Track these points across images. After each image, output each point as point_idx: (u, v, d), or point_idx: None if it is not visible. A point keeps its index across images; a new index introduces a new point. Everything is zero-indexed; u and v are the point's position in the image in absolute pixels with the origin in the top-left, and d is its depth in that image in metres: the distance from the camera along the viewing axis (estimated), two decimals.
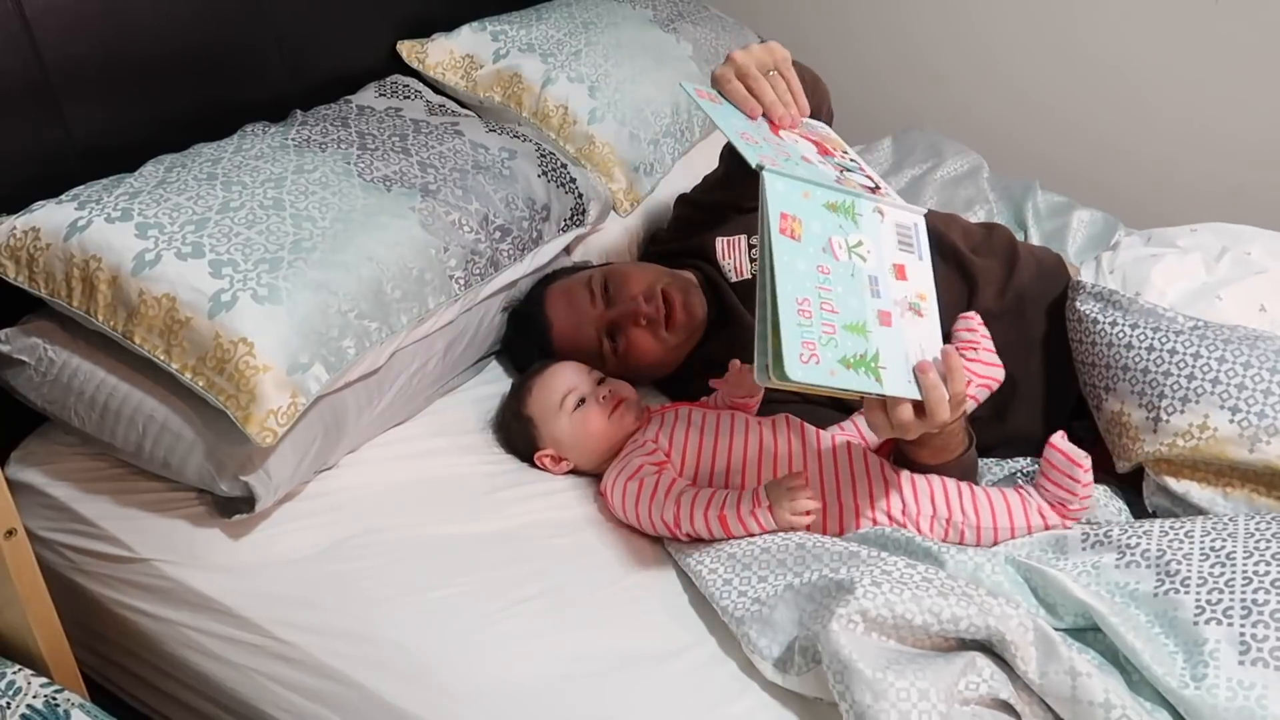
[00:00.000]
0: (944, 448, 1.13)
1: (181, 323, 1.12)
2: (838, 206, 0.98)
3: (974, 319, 1.27)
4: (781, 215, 0.93)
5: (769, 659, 1.00)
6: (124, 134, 1.38)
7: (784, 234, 0.93)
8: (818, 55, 1.54)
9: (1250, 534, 1.02)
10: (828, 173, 1.03)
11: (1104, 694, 0.89)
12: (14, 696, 0.97)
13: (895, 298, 1.00)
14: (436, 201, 1.32)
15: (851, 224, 0.99)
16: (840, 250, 0.97)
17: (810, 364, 0.89)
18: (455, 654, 1.05)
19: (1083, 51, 2.12)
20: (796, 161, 1.01)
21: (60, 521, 1.24)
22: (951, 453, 1.14)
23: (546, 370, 1.31)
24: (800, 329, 0.90)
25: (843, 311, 0.94)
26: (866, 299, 0.97)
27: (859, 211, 1.00)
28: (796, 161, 1.01)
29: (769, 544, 1.10)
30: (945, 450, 1.14)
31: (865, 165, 1.12)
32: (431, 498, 1.23)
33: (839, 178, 1.03)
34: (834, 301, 0.94)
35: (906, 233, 1.04)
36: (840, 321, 0.94)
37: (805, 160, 1.04)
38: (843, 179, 1.03)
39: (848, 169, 1.08)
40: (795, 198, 0.95)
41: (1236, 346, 1.15)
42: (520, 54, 1.70)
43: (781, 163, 0.98)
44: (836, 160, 1.08)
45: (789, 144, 1.06)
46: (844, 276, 0.96)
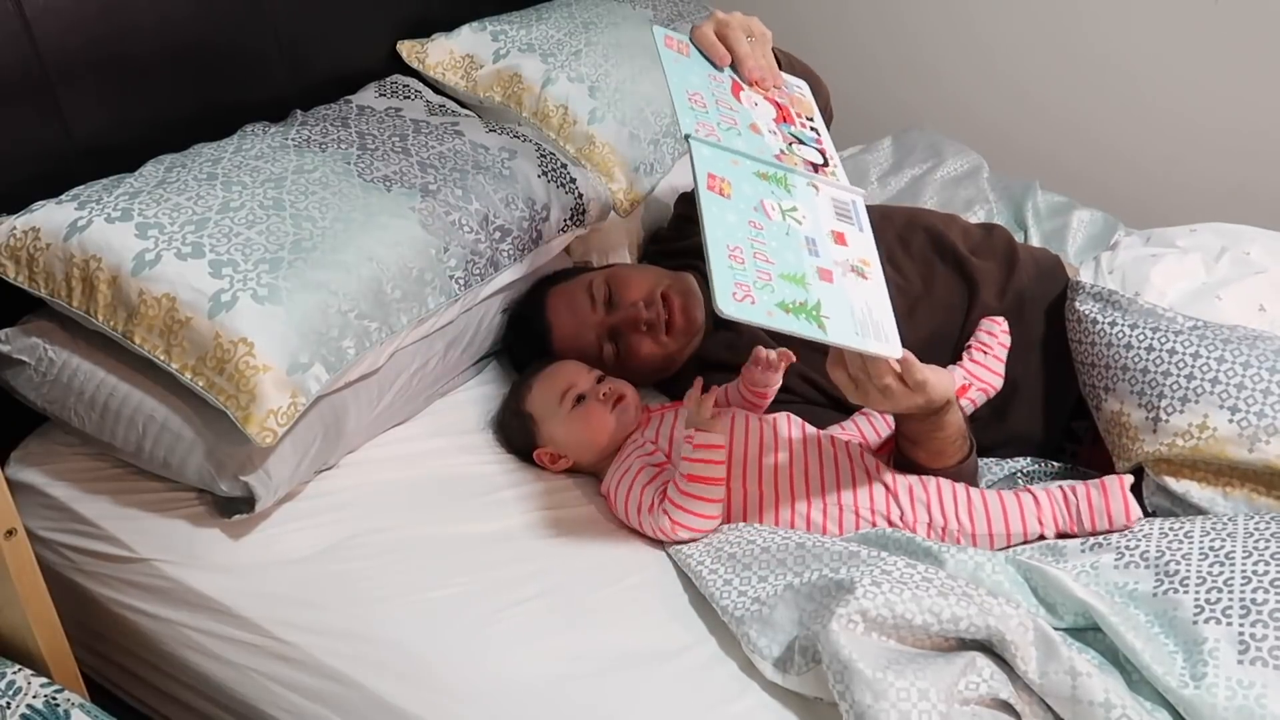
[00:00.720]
0: (942, 451, 1.13)
1: (181, 323, 1.12)
2: (769, 176, 1.01)
3: (1001, 324, 1.28)
4: (709, 175, 0.97)
5: (769, 659, 1.00)
6: (124, 134, 1.38)
7: (711, 190, 0.96)
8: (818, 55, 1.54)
9: (1249, 534, 1.02)
10: (771, 145, 1.04)
11: (1104, 694, 0.89)
12: (14, 696, 0.97)
13: (835, 259, 1.01)
14: (436, 201, 1.32)
15: (784, 192, 1.02)
16: (773, 211, 0.99)
17: (745, 303, 0.92)
18: (455, 654, 1.05)
19: (1083, 51, 2.12)
20: (740, 131, 1.03)
21: (60, 521, 1.24)
22: (950, 457, 1.14)
23: (547, 368, 1.31)
24: (732, 271, 0.93)
25: (778, 263, 0.97)
26: (804, 255, 0.99)
27: (791, 184, 1.03)
28: (740, 131, 1.03)
29: (769, 544, 1.10)
30: (943, 454, 1.14)
31: (824, 136, 1.14)
32: (431, 498, 1.23)
33: (782, 150, 1.05)
34: (768, 253, 0.97)
35: (844, 207, 1.05)
36: (776, 271, 0.96)
37: (753, 129, 1.05)
38: (786, 152, 1.05)
39: (801, 139, 1.09)
40: (723, 164, 0.99)
41: (1236, 346, 1.15)
42: (520, 54, 1.70)
43: (721, 131, 1.00)
44: (792, 129, 1.09)
45: (743, 109, 1.08)
46: (778, 234, 0.99)
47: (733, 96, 1.08)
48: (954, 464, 1.15)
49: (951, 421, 1.10)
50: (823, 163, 1.07)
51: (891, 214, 1.47)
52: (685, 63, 1.09)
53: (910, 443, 1.15)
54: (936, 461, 1.14)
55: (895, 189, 1.92)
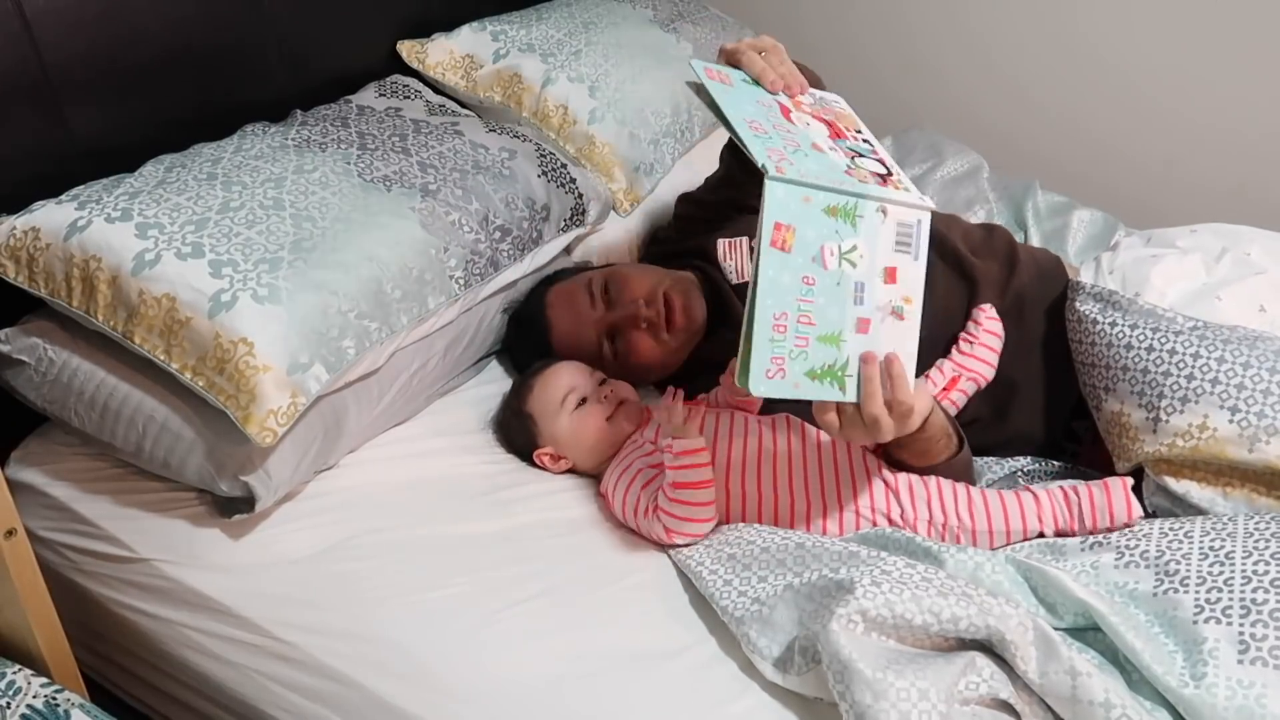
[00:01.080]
0: (926, 451, 1.13)
1: (181, 323, 1.12)
2: (838, 210, 0.99)
3: (988, 310, 1.28)
4: (776, 225, 0.95)
5: (769, 659, 1.00)
6: (124, 134, 1.38)
7: (774, 246, 0.95)
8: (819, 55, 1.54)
9: (1249, 534, 1.02)
10: (838, 161, 1.03)
11: (1104, 693, 0.89)
12: (14, 696, 0.97)
13: (879, 303, 1.01)
14: (436, 201, 1.32)
15: (850, 228, 1.00)
16: (831, 258, 0.98)
17: (775, 379, 0.95)
18: (455, 654, 1.05)
19: (1084, 51, 2.13)
20: (806, 151, 1.01)
21: (60, 521, 1.24)
22: (935, 456, 1.13)
23: (548, 369, 1.31)
24: (772, 345, 0.94)
25: (820, 324, 0.97)
26: (848, 307, 0.99)
27: (860, 214, 1.00)
28: (806, 151, 1.01)
29: (769, 544, 1.10)
30: (928, 454, 1.13)
31: (879, 146, 1.12)
32: (431, 498, 1.23)
33: (849, 166, 1.03)
34: (813, 314, 0.97)
35: (907, 232, 1.04)
36: (815, 334, 0.97)
37: (815, 148, 1.04)
38: (853, 167, 1.03)
39: (860, 153, 1.07)
40: (795, 204, 0.96)
41: (1236, 347, 1.15)
42: (520, 54, 1.70)
43: (790, 155, 0.98)
44: (848, 144, 1.08)
45: (799, 130, 1.06)
46: (829, 286, 0.98)
47: (785, 120, 1.07)
48: (942, 461, 1.14)
49: (932, 423, 1.09)
50: (887, 173, 1.06)
51: None
52: (732, 92, 1.08)
53: (895, 445, 1.14)
54: (923, 460, 1.14)
55: None
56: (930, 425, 1.09)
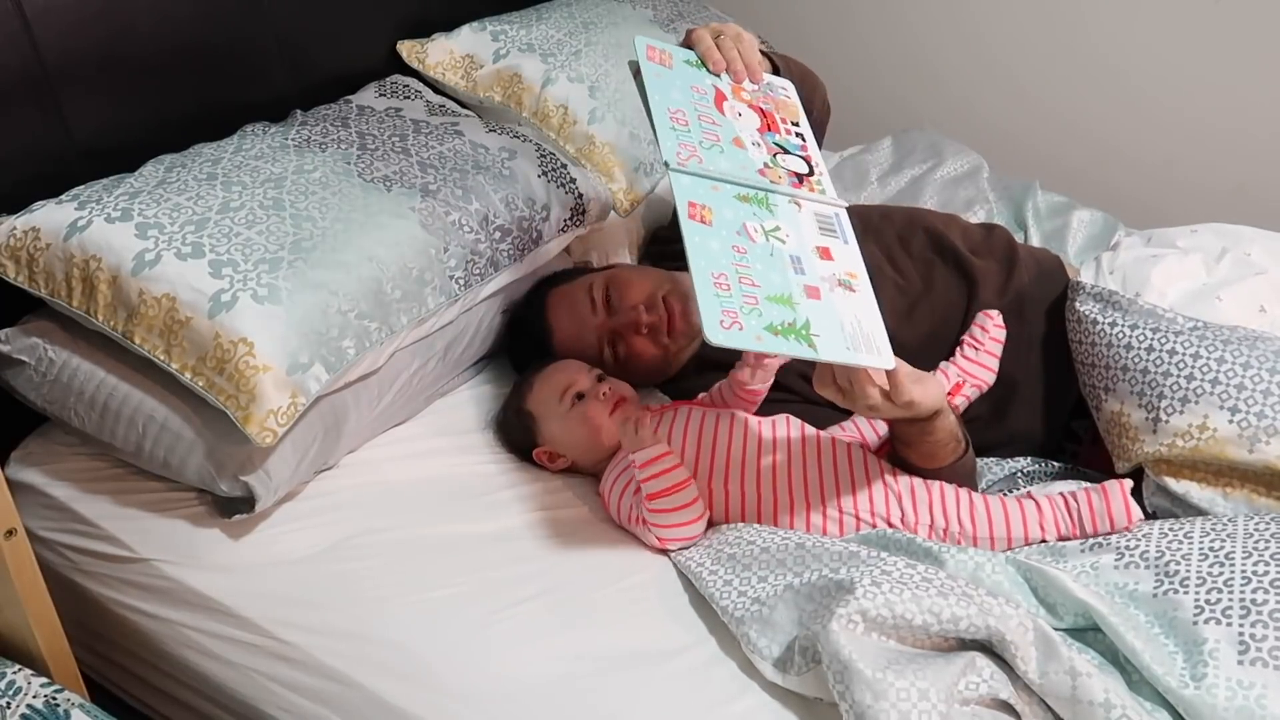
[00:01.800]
0: (933, 454, 1.13)
1: (181, 323, 1.12)
2: (750, 198, 1.02)
3: (995, 317, 1.28)
4: (690, 204, 0.98)
5: (769, 659, 1.00)
6: (124, 134, 1.38)
7: (693, 219, 0.98)
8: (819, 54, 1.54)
9: (1249, 534, 1.02)
10: (755, 159, 1.06)
11: (1104, 694, 0.89)
12: (14, 696, 0.97)
13: (822, 275, 1.02)
14: (436, 201, 1.32)
15: (766, 212, 1.03)
16: (756, 234, 1.01)
17: (733, 329, 0.94)
18: (455, 654, 1.05)
19: (1085, 50, 2.13)
20: (723, 147, 1.04)
21: (60, 521, 1.24)
22: (943, 459, 1.13)
23: (548, 367, 1.31)
24: (719, 299, 0.95)
25: (764, 285, 0.98)
26: (789, 275, 1.00)
27: (773, 203, 1.04)
28: (723, 147, 1.04)
29: (769, 544, 1.10)
30: (935, 456, 1.13)
31: (810, 142, 1.15)
32: (431, 498, 1.23)
33: (767, 164, 1.06)
34: (753, 276, 0.98)
35: (827, 221, 1.06)
36: (763, 294, 0.98)
37: (736, 144, 1.06)
38: (770, 165, 1.06)
39: (786, 149, 1.10)
40: (704, 190, 1.00)
41: (1236, 347, 1.15)
42: (520, 54, 1.70)
43: (703, 151, 1.01)
44: (776, 139, 1.10)
45: (726, 121, 1.09)
46: (762, 255, 1.00)
47: (715, 109, 1.09)
48: (947, 464, 1.14)
49: (941, 426, 1.10)
50: (808, 171, 1.08)
51: (891, 214, 1.47)
52: (667, 76, 1.10)
53: (903, 444, 1.15)
54: (929, 462, 1.14)
55: (895, 189, 1.92)
56: (939, 429, 1.10)
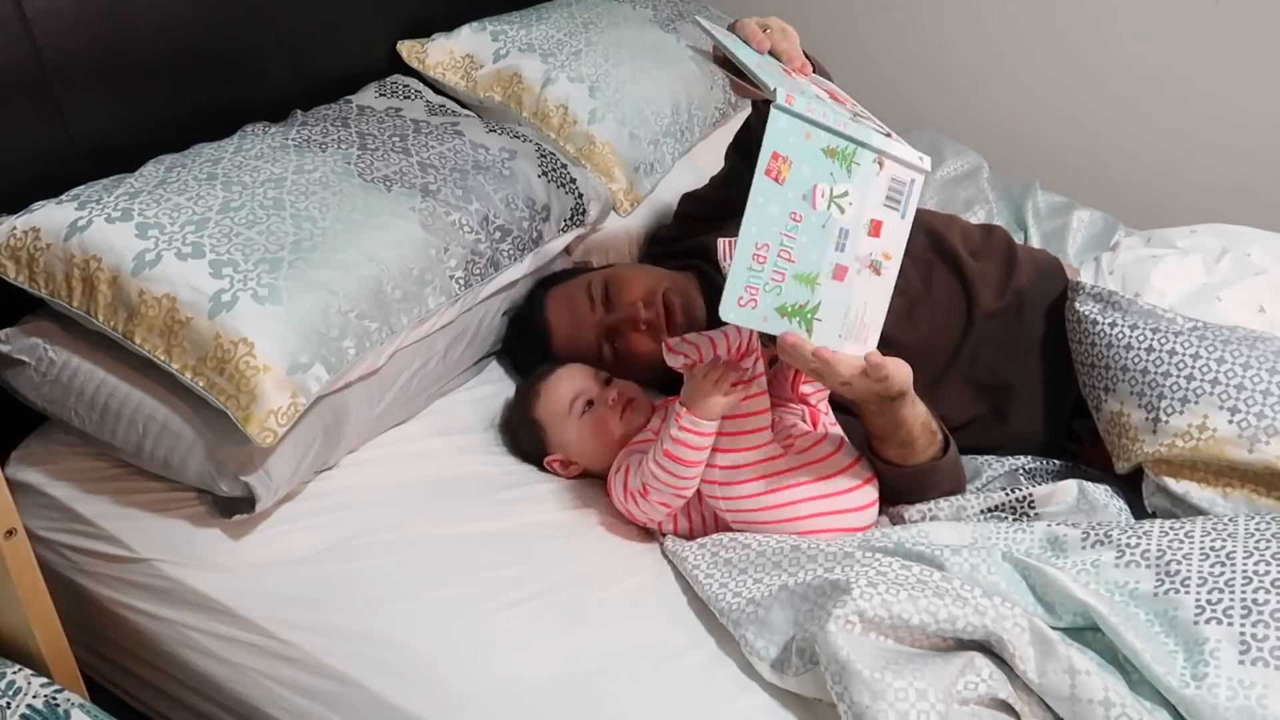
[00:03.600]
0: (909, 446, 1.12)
1: (182, 323, 1.12)
2: (836, 153, 1.00)
3: None
4: (773, 155, 0.96)
5: (766, 660, 1.00)
6: (124, 134, 1.38)
7: (769, 175, 0.96)
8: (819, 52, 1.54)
9: (1250, 534, 1.02)
10: (842, 113, 1.04)
11: (1103, 692, 0.89)
12: (14, 696, 0.97)
13: (859, 253, 1.02)
14: (437, 202, 1.32)
15: (844, 173, 1.01)
16: (821, 199, 0.99)
17: (747, 308, 0.96)
18: (455, 654, 1.05)
19: (1087, 49, 2.13)
20: (811, 97, 1.02)
21: (60, 521, 1.24)
22: (920, 453, 1.13)
23: (553, 374, 1.31)
24: (749, 273, 0.96)
25: (799, 261, 0.99)
26: (829, 252, 1.00)
27: (857, 161, 1.01)
28: (811, 97, 1.02)
29: (764, 547, 1.10)
30: (912, 448, 1.13)
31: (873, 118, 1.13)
32: (431, 498, 1.23)
33: (852, 118, 1.04)
34: (794, 250, 0.98)
35: (899, 189, 1.05)
36: (792, 270, 0.98)
37: (819, 98, 1.04)
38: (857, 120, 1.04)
39: (860, 115, 1.09)
40: (795, 138, 0.97)
41: (1236, 347, 1.15)
42: (520, 54, 1.70)
43: (798, 95, 0.98)
44: (848, 109, 1.09)
45: (804, 83, 1.08)
46: (814, 226, 0.99)
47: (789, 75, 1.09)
48: (927, 460, 1.14)
49: (911, 414, 1.10)
50: (887, 133, 1.07)
51: None
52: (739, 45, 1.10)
53: (878, 439, 1.14)
54: (909, 458, 1.13)
55: None
56: (908, 418, 1.09)
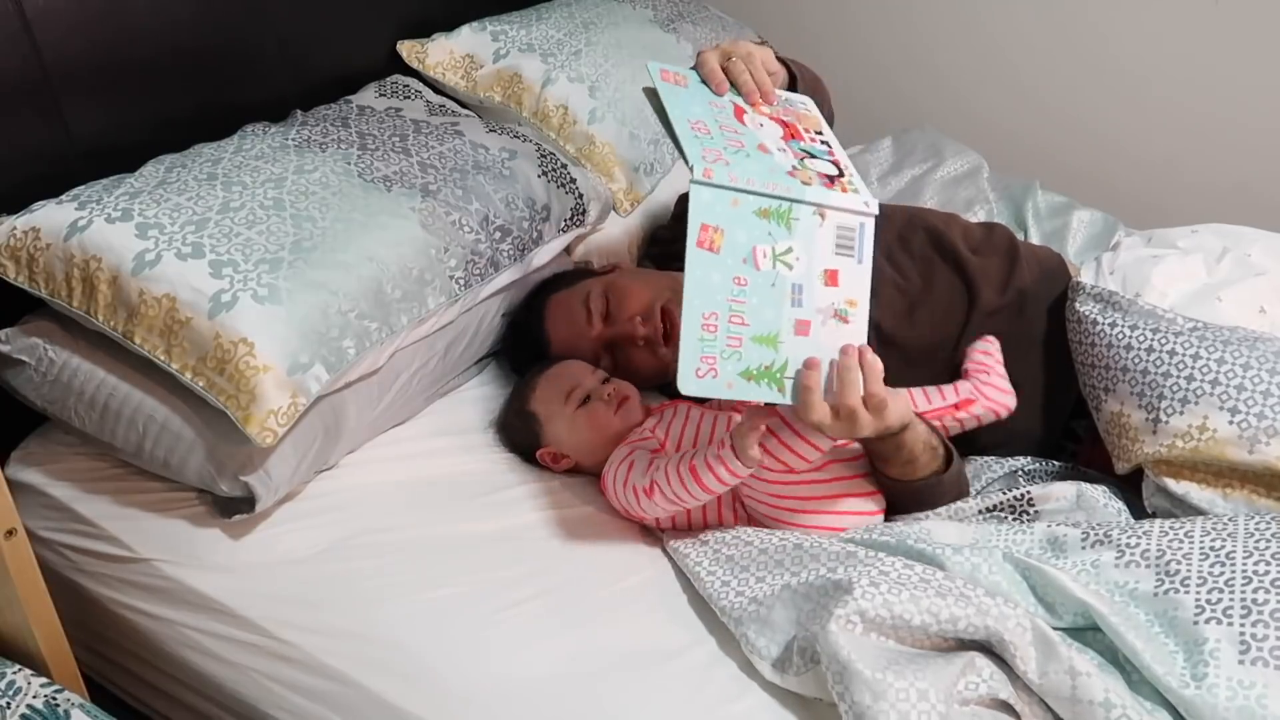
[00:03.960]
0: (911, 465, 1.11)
1: (182, 323, 1.12)
2: (770, 213, 0.99)
3: (993, 344, 1.25)
4: (702, 227, 0.96)
5: (767, 659, 1.00)
6: (124, 134, 1.38)
7: (701, 246, 0.95)
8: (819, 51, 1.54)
9: (1250, 534, 1.02)
10: (781, 163, 1.03)
11: (1104, 693, 0.89)
12: (14, 696, 0.97)
13: (819, 305, 1.00)
14: (437, 202, 1.32)
15: (784, 230, 0.99)
16: (764, 259, 0.98)
17: (706, 378, 0.95)
18: (455, 654, 1.05)
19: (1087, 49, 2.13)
20: (748, 153, 1.01)
21: (60, 521, 1.24)
22: (920, 470, 1.12)
23: (552, 367, 1.31)
24: (701, 344, 0.95)
25: (754, 324, 0.97)
26: (784, 309, 0.99)
27: (795, 216, 1.00)
28: (748, 153, 1.01)
29: (766, 545, 1.10)
30: (912, 468, 1.12)
31: (836, 148, 1.12)
32: (431, 498, 1.23)
33: (795, 167, 1.03)
34: (745, 314, 0.97)
35: (848, 235, 1.03)
36: (749, 334, 0.97)
37: (761, 149, 1.03)
38: (798, 168, 1.03)
39: (812, 154, 1.07)
40: (722, 207, 0.97)
41: (1236, 348, 1.15)
42: (520, 54, 1.70)
43: (729, 154, 0.98)
44: (801, 145, 1.08)
45: (749, 131, 1.06)
46: (762, 287, 0.98)
47: (736, 120, 1.07)
48: (928, 475, 1.13)
49: (912, 439, 1.08)
50: (837, 173, 1.06)
51: (891, 213, 1.47)
52: (684, 93, 1.08)
53: (880, 460, 1.13)
54: (910, 474, 1.12)
55: (895, 189, 1.92)
56: (908, 443, 1.09)
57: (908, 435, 1.08)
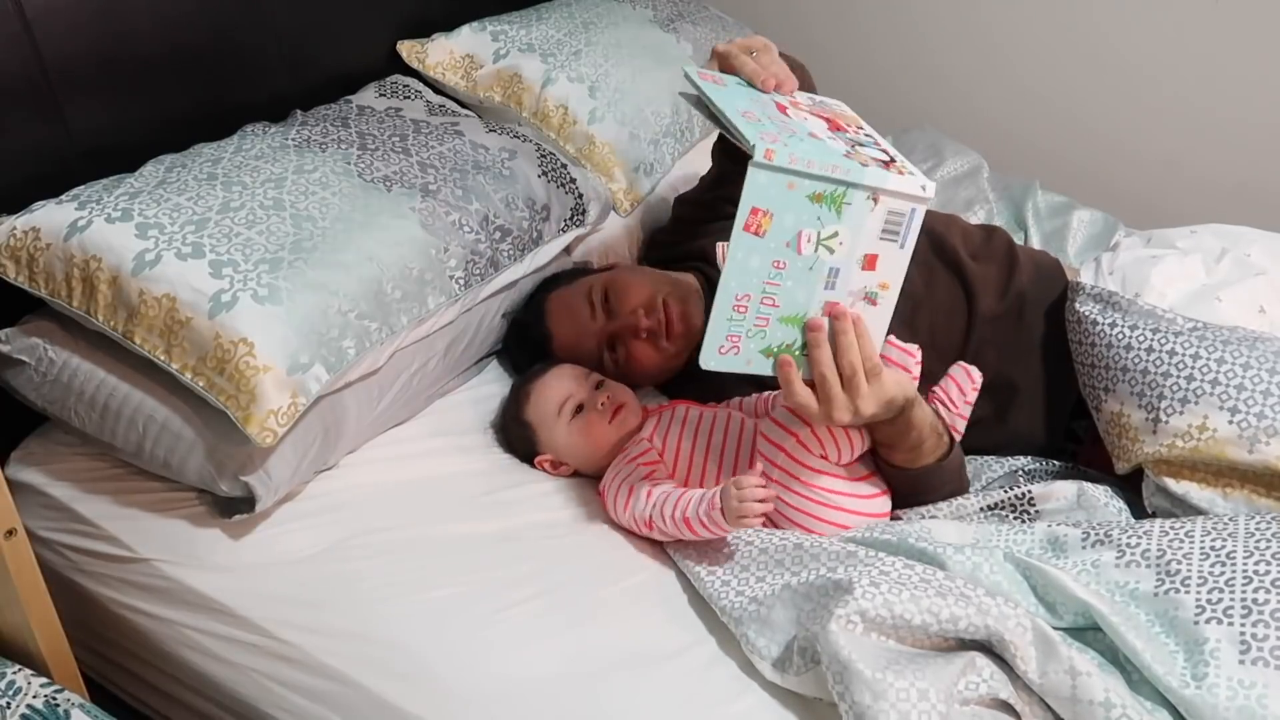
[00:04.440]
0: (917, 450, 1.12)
1: (182, 323, 1.12)
2: (824, 197, 0.98)
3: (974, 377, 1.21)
4: (752, 210, 0.96)
5: (768, 659, 1.00)
6: (124, 134, 1.38)
7: (748, 230, 0.96)
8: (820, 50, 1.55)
9: (1250, 534, 1.02)
10: (836, 148, 1.02)
11: (1104, 693, 0.89)
12: (14, 696, 0.97)
13: (852, 289, 1.02)
14: (436, 202, 1.32)
15: (833, 215, 0.99)
16: (808, 244, 0.99)
17: (728, 355, 0.97)
18: (455, 654, 1.05)
19: (1087, 48, 2.13)
20: (802, 137, 1.00)
21: (60, 521, 1.24)
22: (926, 456, 1.12)
23: (544, 376, 1.31)
24: (730, 324, 0.97)
25: (784, 305, 0.99)
26: (816, 291, 1.00)
27: (848, 201, 0.99)
28: (802, 137, 1.00)
29: (767, 544, 1.10)
30: (918, 452, 1.12)
31: (881, 139, 1.11)
32: (431, 498, 1.23)
33: (849, 152, 1.02)
34: (778, 296, 0.99)
35: (897, 220, 1.03)
36: (777, 315, 0.99)
37: (813, 136, 1.03)
38: (853, 154, 1.02)
39: (860, 144, 1.06)
40: (776, 190, 0.96)
41: (1236, 348, 1.15)
42: (520, 54, 1.70)
43: (785, 139, 0.97)
44: (848, 136, 1.07)
45: (796, 121, 1.06)
46: (800, 271, 0.99)
47: (781, 114, 1.06)
48: (934, 461, 1.13)
49: (918, 419, 1.09)
50: (888, 159, 1.05)
51: None
52: (725, 90, 1.08)
53: (886, 447, 1.14)
54: (915, 461, 1.13)
55: None
56: (917, 423, 1.09)
57: (916, 414, 1.08)
